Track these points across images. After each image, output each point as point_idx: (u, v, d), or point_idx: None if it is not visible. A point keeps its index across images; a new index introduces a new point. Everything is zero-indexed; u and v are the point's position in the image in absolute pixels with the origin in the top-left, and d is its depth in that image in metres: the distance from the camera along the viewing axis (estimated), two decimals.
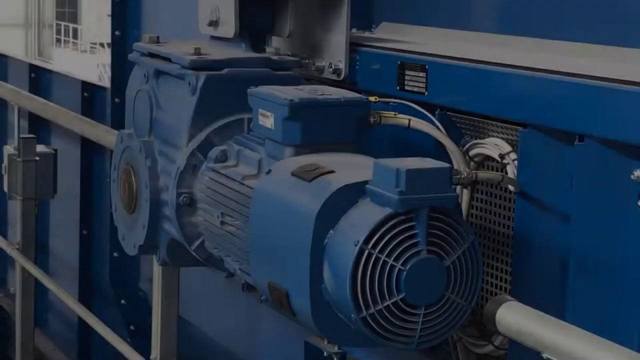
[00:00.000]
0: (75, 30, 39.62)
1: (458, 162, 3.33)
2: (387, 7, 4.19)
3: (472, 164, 3.39)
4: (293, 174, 3.03)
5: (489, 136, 3.39)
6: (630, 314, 2.88)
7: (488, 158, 3.36)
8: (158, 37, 3.94)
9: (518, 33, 3.57)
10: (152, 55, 3.82)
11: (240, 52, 3.79)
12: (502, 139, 3.33)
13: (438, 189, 2.80)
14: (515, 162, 3.25)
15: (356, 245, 2.75)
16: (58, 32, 40.59)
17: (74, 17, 40.77)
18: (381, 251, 2.75)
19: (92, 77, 6.73)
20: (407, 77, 3.58)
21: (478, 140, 3.41)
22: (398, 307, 2.78)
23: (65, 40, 40.26)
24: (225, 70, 3.57)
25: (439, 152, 3.36)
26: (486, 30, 3.72)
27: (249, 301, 3.36)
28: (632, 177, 2.84)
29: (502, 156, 3.29)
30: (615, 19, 3.25)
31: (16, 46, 36.03)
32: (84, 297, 6.69)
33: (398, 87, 3.60)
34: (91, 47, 37.50)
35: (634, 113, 2.77)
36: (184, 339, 5.03)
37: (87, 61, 33.18)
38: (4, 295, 7.87)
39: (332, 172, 2.97)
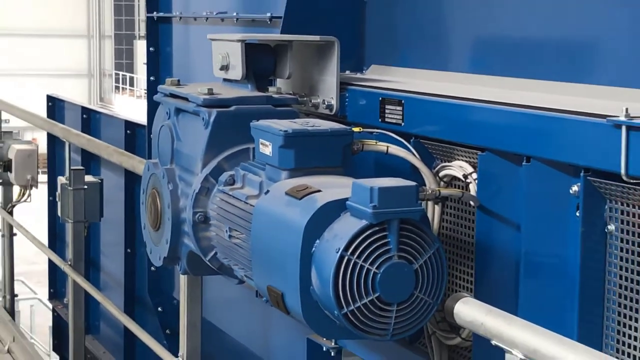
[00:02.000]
0: (131, 79, 39.70)
1: (429, 182, 3.33)
2: (375, 52, 4.22)
3: (441, 183, 3.38)
4: (287, 193, 3.04)
5: (455, 159, 3.39)
6: (569, 306, 2.88)
7: (455, 178, 3.36)
8: (179, 80, 3.92)
9: (479, 72, 3.61)
10: (173, 95, 3.81)
11: (247, 91, 3.76)
12: (466, 161, 3.33)
13: (406, 203, 2.82)
14: (476, 180, 3.26)
15: (337, 252, 2.78)
16: (117, 80, 40.72)
17: (130, 67, 40.87)
18: (359, 257, 2.78)
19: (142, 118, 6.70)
20: (387, 111, 3.57)
21: (446, 163, 3.41)
22: (374, 305, 2.81)
23: (123, 88, 40.39)
24: (233, 107, 3.56)
25: (414, 173, 3.35)
26: (453, 70, 3.75)
27: (262, 305, 3.41)
28: (570, 191, 2.86)
29: (465, 176, 3.30)
30: (557, 59, 3.30)
31: (80, 93, 36.14)
32: (128, 307, 6.70)
33: (380, 119, 3.60)
34: (145, 93, 37.64)
35: (571, 138, 2.79)
36: (208, 339, 5.02)
37: (142, 106, 33.17)
38: (61, 306, 7.90)
39: (319, 191, 2.99)
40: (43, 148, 8.47)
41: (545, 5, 3.36)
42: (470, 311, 2.80)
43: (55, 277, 8.28)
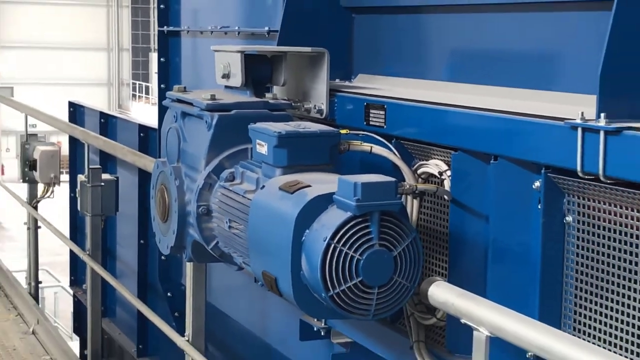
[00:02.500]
0: (147, 88, 39.65)
1: (408, 178, 3.33)
2: (362, 62, 4.22)
3: (419, 179, 3.38)
4: (280, 188, 3.06)
5: (431, 158, 3.39)
6: (532, 289, 2.89)
7: (431, 175, 3.36)
8: (185, 87, 3.93)
9: (453, 80, 3.63)
10: (180, 100, 3.81)
11: (246, 97, 3.77)
12: (441, 160, 3.33)
13: (387, 197, 2.85)
14: (449, 177, 3.26)
15: (325, 241, 2.81)
16: (134, 89, 40.67)
17: (146, 77, 40.81)
18: (344, 245, 2.81)
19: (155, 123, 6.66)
20: (371, 115, 3.57)
21: (423, 162, 3.41)
22: (357, 288, 2.83)
23: (139, 96, 40.34)
24: (234, 111, 3.57)
25: (395, 171, 3.35)
26: (430, 78, 3.76)
27: (260, 290, 3.43)
28: (533, 186, 2.87)
29: (440, 173, 3.30)
30: (521, 69, 3.31)
31: (101, 101, 36.10)
32: (141, 292, 6.69)
33: (365, 122, 3.60)
34: None
35: (533, 139, 2.81)
36: (212, 320, 5.04)
37: (156, 111, 33.07)
38: (81, 292, 7.92)
39: (309, 186, 3.01)
40: (65, 150, 8.51)
41: (512, 22, 3.38)
42: (442, 293, 2.82)
43: (76, 266, 8.29)
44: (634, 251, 2.63)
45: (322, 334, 4.05)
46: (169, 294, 6.22)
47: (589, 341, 2.76)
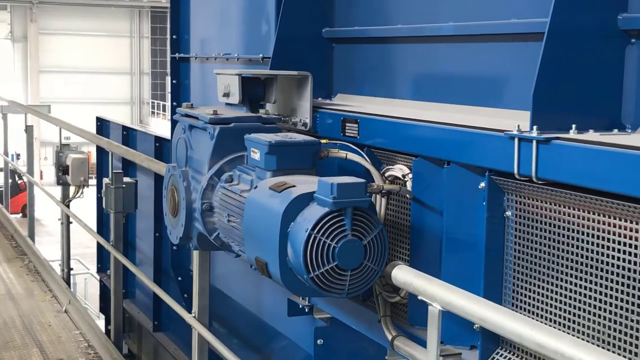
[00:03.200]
0: (164, 106, 39.45)
1: (377, 180, 3.33)
2: (340, 84, 4.20)
3: (386, 181, 3.38)
4: (270, 188, 3.08)
5: (396, 163, 3.40)
6: (477, 271, 2.93)
7: (396, 177, 3.36)
8: (192, 104, 3.94)
9: (415, 98, 3.63)
10: (187, 115, 3.82)
11: (243, 112, 3.78)
12: (404, 164, 3.35)
13: (358, 195, 2.87)
14: (411, 179, 3.26)
15: (307, 232, 2.84)
16: (153, 107, 40.47)
17: (163, 97, 40.61)
18: (322, 235, 2.84)
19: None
20: (347, 127, 3.58)
21: (390, 166, 3.42)
22: (333, 271, 2.87)
23: (157, 112, 40.14)
24: (232, 124, 3.58)
25: (366, 174, 3.36)
26: (396, 97, 3.76)
27: (254, 274, 3.42)
28: (479, 187, 2.90)
29: (404, 176, 3.31)
30: (469, 89, 3.31)
31: (124, 117, 35.96)
32: (156, 277, 6.67)
33: (341, 134, 3.60)
34: None
35: (479, 147, 2.82)
36: (215, 300, 5.00)
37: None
38: (106, 277, 7.92)
39: (294, 186, 3.03)
40: (93, 157, 8.50)
41: (462, 51, 3.38)
42: (403, 275, 2.83)
43: (102, 255, 8.26)
44: (560, 239, 2.66)
45: (306, 310, 4.05)
46: (179, 278, 6.21)
47: (523, 314, 2.78)
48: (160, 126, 34.33)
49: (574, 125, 2.58)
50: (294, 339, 4.46)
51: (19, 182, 24.68)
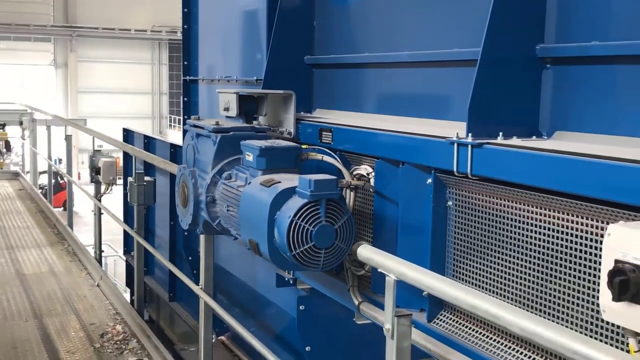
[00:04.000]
0: (179, 119, 39.06)
1: (347, 177, 3.33)
2: (318, 101, 4.18)
3: (354, 178, 3.38)
4: (260, 184, 3.10)
5: (362, 164, 3.40)
6: (425, 249, 2.94)
7: (362, 175, 3.36)
8: (199, 117, 3.91)
9: (378, 112, 3.63)
10: (195, 126, 3.80)
11: (239, 123, 3.78)
12: (368, 165, 3.36)
13: (331, 189, 2.90)
14: (373, 176, 3.27)
15: (289, 218, 2.86)
16: (170, 120, 40.19)
17: (179, 112, 40.25)
18: (302, 221, 2.87)
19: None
20: (323, 135, 3.58)
21: (357, 166, 3.43)
22: (311, 249, 2.90)
23: (174, 125, 39.88)
24: (231, 133, 3.58)
25: (338, 172, 3.34)
26: (362, 111, 3.76)
27: (249, 253, 3.41)
28: (427, 182, 2.91)
29: (368, 174, 3.32)
30: (421, 105, 3.32)
31: (146, 129, 35.65)
32: (171, 257, 6.62)
33: (319, 140, 3.60)
34: None
35: (427, 150, 2.83)
36: (219, 275, 5.01)
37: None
38: (131, 258, 7.91)
39: (280, 182, 3.05)
40: (120, 161, 8.48)
41: (416, 74, 3.37)
42: (366, 252, 2.85)
43: (127, 240, 8.18)
44: (490, 223, 2.68)
45: (291, 282, 4.05)
46: (189, 257, 6.17)
47: (461, 283, 2.79)
48: (176, 136, 34.10)
49: (500, 133, 2.61)
50: (281, 305, 4.46)
51: (61, 181, 24.51)
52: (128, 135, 8.29)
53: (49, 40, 37.56)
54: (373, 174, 3.30)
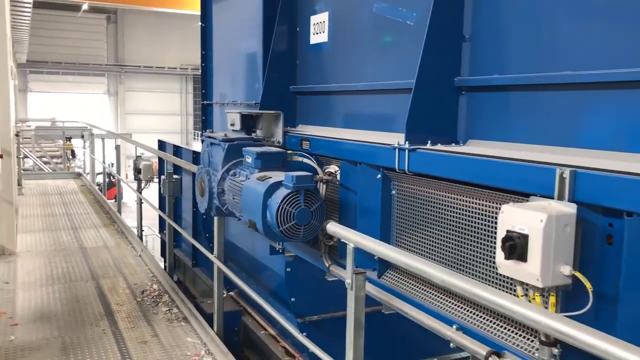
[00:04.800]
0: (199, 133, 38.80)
1: (320, 174, 3.31)
2: (301, 118, 4.12)
3: (325, 174, 3.34)
4: (257, 179, 3.10)
5: (332, 164, 3.35)
6: (376, 227, 2.93)
7: (332, 172, 3.34)
8: (212, 130, 3.94)
9: (344, 127, 3.57)
10: (209, 137, 3.77)
11: (242, 135, 3.76)
12: (336, 165, 3.31)
13: (308, 182, 2.92)
14: (339, 173, 3.25)
15: (277, 204, 2.87)
16: (194, 135, 39.81)
17: (200, 128, 40.01)
18: (287, 205, 2.88)
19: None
20: (303, 144, 3.54)
21: (328, 166, 3.36)
22: (293, 227, 2.91)
23: (197, 138, 39.44)
24: (236, 142, 3.56)
25: (314, 171, 3.33)
26: (333, 126, 3.70)
27: (249, 230, 3.37)
28: (377, 177, 2.87)
29: (335, 172, 3.30)
30: (375, 121, 3.27)
31: (176, 141, 35.25)
32: (194, 234, 6.54)
33: (300, 147, 3.55)
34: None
35: (377, 154, 2.81)
36: (228, 247, 5.04)
37: None
38: (164, 235, 7.84)
39: (271, 177, 3.05)
40: (156, 164, 8.43)
41: (372, 98, 3.33)
42: (333, 228, 2.82)
43: (161, 222, 8.11)
44: (423, 206, 2.68)
45: (280, 251, 4.02)
46: (207, 234, 6.12)
47: (401, 249, 2.71)
48: (198, 146, 33.77)
49: (429, 141, 2.61)
50: (274, 269, 4.44)
51: (112, 180, 24.30)
52: (162, 145, 8.21)
53: (104, 75, 37.24)
54: (339, 171, 3.28)
